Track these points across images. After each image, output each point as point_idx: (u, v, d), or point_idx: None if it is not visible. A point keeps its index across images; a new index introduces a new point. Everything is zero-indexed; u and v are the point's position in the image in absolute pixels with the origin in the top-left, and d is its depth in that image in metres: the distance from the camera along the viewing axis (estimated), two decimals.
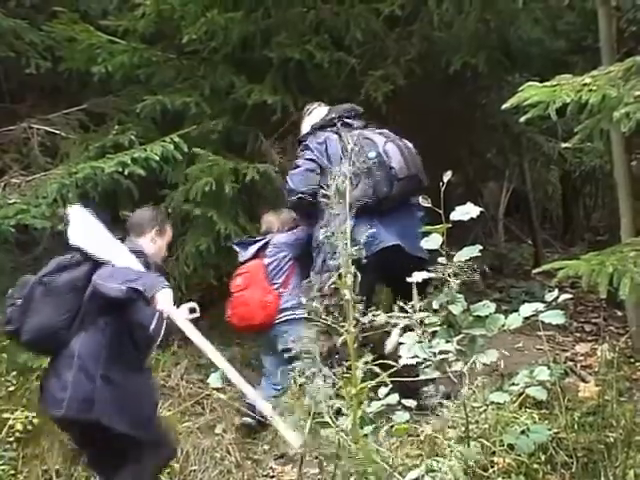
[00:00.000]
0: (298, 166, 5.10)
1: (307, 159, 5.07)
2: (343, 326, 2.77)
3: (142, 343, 3.90)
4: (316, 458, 3.02)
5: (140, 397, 3.88)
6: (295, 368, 3.00)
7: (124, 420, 3.73)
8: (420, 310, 2.86)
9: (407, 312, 2.81)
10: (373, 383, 2.77)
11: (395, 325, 2.77)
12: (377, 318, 2.73)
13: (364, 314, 2.83)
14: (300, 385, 2.95)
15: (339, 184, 4.67)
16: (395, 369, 2.87)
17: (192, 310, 4.20)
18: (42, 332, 3.76)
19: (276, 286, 5.20)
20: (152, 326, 3.71)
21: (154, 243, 4.25)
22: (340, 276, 2.81)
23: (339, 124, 5.23)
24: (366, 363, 2.72)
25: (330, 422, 2.80)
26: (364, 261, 2.92)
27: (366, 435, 2.73)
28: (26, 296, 3.80)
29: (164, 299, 3.56)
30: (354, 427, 2.68)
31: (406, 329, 2.82)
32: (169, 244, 4.45)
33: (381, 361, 2.83)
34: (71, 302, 3.81)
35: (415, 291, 2.98)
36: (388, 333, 2.87)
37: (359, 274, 4.95)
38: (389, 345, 2.81)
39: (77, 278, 3.81)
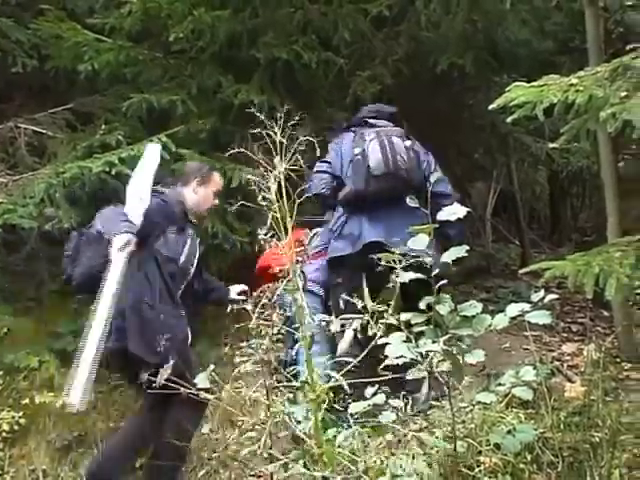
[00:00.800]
0: (314, 169, 5.22)
1: (322, 161, 5.18)
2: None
3: (173, 276, 4.28)
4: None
5: (167, 328, 4.06)
6: None
7: (150, 348, 3.99)
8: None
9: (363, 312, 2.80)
10: (332, 384, 2.76)
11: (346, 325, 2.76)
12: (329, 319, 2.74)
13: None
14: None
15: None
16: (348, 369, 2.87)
17: (241, 293, 4.76)
18: (85, 276, 4.14)
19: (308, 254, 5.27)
20: (182, 259, 4.33)
21: (196, 193, 4.62)
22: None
23: (362, 124, 5.29)
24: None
25: (292, 425, 2.80)
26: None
27: (329, 440, 2.72)
28: (73, 247, 4.25)
29: (115, 244, 3.85)
30: (316, 430, 2.67)
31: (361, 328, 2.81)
32: (217, 193, 4.72)
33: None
34: (107, 248, 4.10)
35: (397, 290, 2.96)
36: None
37: (345, 271, 5.05)
38: (343, 344, 2.81)
39: None
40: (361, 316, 2.76)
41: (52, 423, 4.99)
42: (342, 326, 2.76)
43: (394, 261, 2.88)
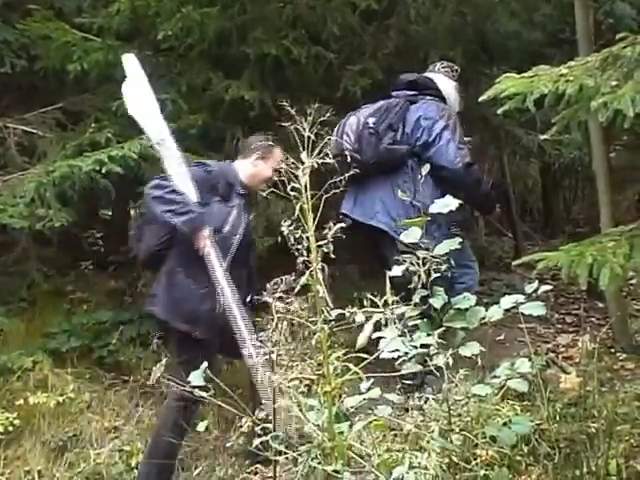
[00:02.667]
0: None
1: None
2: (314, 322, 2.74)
3: (218, 245, 4.34)
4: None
5: (194, 297, 4.33)
6: None
7: (176, 314, 4.33)
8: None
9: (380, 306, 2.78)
10: (347, 378, 2.74)
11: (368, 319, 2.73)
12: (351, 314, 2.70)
13: None
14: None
15: None
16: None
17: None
18: (147, 253, 4.53)
19: None
20: (226, 228, 4.42)
21: (255, 166, 4.70)
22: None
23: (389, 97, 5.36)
24: (338, 359, 2.69)
25: (304, 419, 2.77)
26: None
27: (342, 432, 2.70)
28: (137, 227, 4.91)
29: (202, 237, 4.22)
30: (330, 424, 2.65)
31: (380, 323, 2.79)
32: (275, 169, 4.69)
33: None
34: (166, 228, 4.38)
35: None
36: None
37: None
38: (361, 339, 2.78)
39: None
40: (383, 310, 2.74)
41: (47, 424, 4.97)
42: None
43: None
